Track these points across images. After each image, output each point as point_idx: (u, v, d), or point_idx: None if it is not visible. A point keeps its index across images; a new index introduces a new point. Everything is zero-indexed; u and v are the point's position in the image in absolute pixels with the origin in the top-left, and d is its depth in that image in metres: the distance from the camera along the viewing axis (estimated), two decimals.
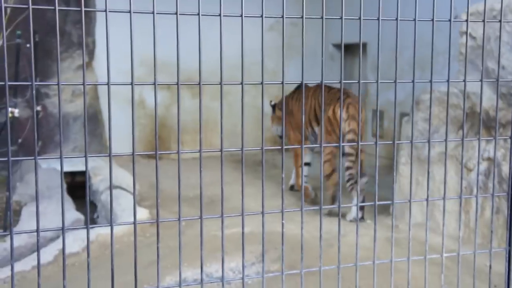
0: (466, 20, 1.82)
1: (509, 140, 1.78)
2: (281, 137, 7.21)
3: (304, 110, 1.77)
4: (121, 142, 9.13)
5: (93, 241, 4.64)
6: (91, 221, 5.78)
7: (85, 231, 4.47)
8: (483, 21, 1.80)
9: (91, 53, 8.26)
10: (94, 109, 8.27)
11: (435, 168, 4.85)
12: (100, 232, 4.74)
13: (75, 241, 4.56)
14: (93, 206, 6.27)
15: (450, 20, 1.72)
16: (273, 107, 7.36)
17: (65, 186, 6.16)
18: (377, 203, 1.72)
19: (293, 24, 9.35)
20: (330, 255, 4.27)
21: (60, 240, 4.61)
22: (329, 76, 9.29)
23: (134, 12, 1.36)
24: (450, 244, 3.93)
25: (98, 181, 6.49)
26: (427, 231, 1.79)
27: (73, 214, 5.21)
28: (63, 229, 1.49)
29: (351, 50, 9.23)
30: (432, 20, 1.70)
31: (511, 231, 1.87)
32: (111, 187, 1.42)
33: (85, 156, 1.38)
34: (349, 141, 5.39)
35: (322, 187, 1.72)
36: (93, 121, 8.24)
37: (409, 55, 1.68)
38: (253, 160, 8.21)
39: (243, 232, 1.58)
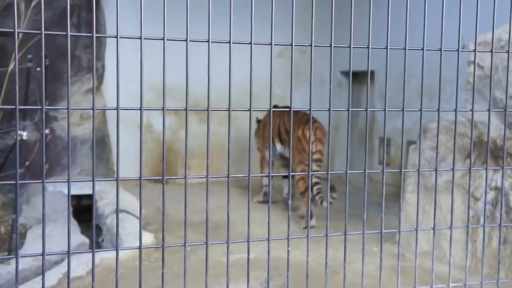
0: (474, 50, 1.82)
1: None
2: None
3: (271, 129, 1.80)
4: (128, 166, 9.14)
5: (97, 265, 4.62)
6: (96, 245, 5.77)
7: (89, 255, 4.46)
8: (491, 51, 1.81)
9: (100, 77, 8.33)
10: (102, 133, 8.31)
11: (442, 197, 4.83)
12: (104, 256, 4.72)
13: (79, 265, 4.54)
14: (98, 230, 6.25)
15: (458, 50, 1.73)
16: (258, 122, 8.11)
17: (71, 209, 6.16)
18: (384, 231, 1.71)
19: (301, 51, 9.45)
20: (336, 282, 4.23)
21: (64, 263, 4.60)
22: (336, 103, 9.33)
23: (145, 39, 1.38)
24: (456, 274, 3.89)
25: (104, 204, 6.49)
26: (433, 260, 1.77)
27: (78, 238, 5.19)
28: (68, 253, 1.49)
29: (358, 77, 9.27)
30: (440, 50, 1.71)
31: None
32: (117, 211, 1.42)
33: (93, 180, 1.39)
34: (314, 160, 6.47)
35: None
36: (101, 144, 8.27)
37: (416, 83, 1.69)
38: (259, 186, 8.20)
39: (248, 259, 1.57)
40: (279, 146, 7.24)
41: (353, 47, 1.58)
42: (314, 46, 1.57)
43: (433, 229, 1.76)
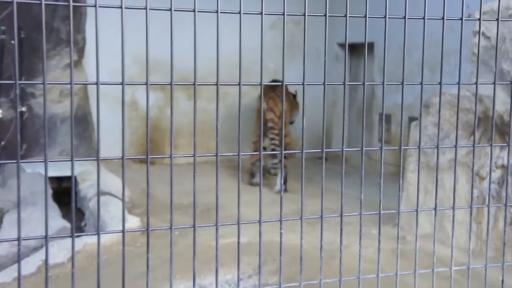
0: (479, 19, 1.82)
1: None
2: (291, 122, 8.61)
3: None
4: (112, 146, 9.11)
5: (80, 251, 4.64)
6: (78, 229, 5.79)
7: (71, 240, 4.47)
8: (497, 19, 1.80)
9: (80, 51, 8.26)
10: (84, 110, 8.27)
11: (446, 176, 4.85)
12: (87, 241, 4.73)
13: (60, 251, 4.55)
14: (81, 213, 6.26)
15: (461, 19, 1.72)
16: (294, 96, 8.67)
17: (50, 191, 6.16)
18: (382, 212, 1.72)
19: (295, 22, 9.41)
20: (332, 267, 4.26)
21: (44, 249, 4.60)
22: (333, 77, 9.32)
23: (126, 8, 1.37)
24: (461, 257, 3.93)
25: (86, 187, 6.49)
26: (435, 242, 1.79)
27: (58, 222, 5.20)
28: (46, 238, 1.49)
29: (357, 50, 9.25)
30: (443, 18, 1.71)
31: None
32: (98, 193, 1.43)
33: (71, 160, 1.38)
34: (269, 127, 7.66)
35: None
36: (82, 123, 8.24)
37: (418, 55, 1.69)
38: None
39: (238, 242, 1.58)
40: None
41: (349, 17, 1.57)
42: (308, 15, 1.56)
43: (434, 209, 1.77)
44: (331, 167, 8.30)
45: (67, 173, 7.00)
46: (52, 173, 6.68)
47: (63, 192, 6.52)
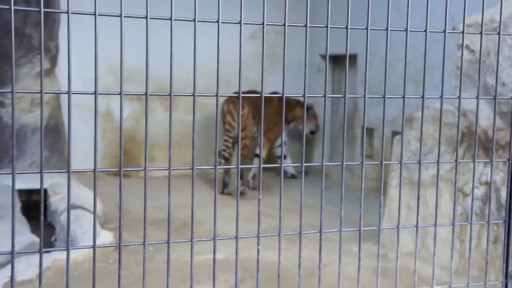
0: (462, 32, 1.85)
1: (508, 163, 1.80)
2: (312, 132, 9.45)
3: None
4: (85, 158, 9.03)
5: (49, 267, 4.58)
6: (48, 244, 5.72)
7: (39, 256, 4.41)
8: (481, 33, 1.83)
9: (53, 59, 8.21)
10: (56, 120, 8.21)
11: (429, 192, 4.89)
12: (57, 257, 4.68)
13: (29, 267, 4.49)
14: (51, 228, 6.19)
15: (445, 31, 1.74)
16: (308, 108, 9.50)
17: (19, 205, 6.08)
18: (362, 228, 1.73)
19: (277, 32, 9.45)
20: (312, 285, 4.26)
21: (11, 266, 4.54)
22: (315, 89, 9.37)
23: (100, 15, 1.36)
24: (444, 276, 3.95)
25: (57, 200, 6.43)
26: (416, 260, 1.80)
27: (27, 237, 5.13)
28: (12, 253, 1.47)
29: (339, 61, 9.31)
30: (426, 31, 1.73)
31: (507, 262, 1.89)
32: (69, 207, 1.41)
33: (41, 172, 1.37)
34: (226, 129, 8.33)
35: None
36: (54, 134, 8.17)
37: (402, 68, 1.70)
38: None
39: (214, 259, 1.57)
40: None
41: (330, 27, 1.58)
42: (288, 26, 1.58)
43: (416, 226, 1.78)
44: (312, 182, 8.34)
45: (37, 185, 6.92)
46: (22, 185, 6.60)
47: (33, 206, 6.43)
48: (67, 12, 1.32)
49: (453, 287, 1.89)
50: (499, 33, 1.82)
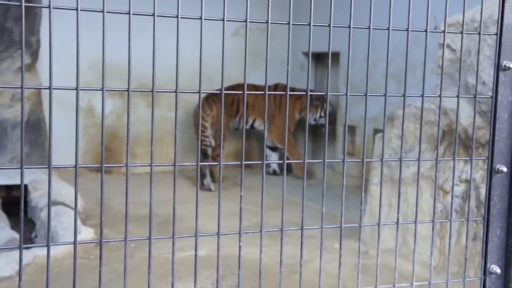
0: (443, 31, 1.86)
1: (487, 161, 1.82)
2: (321, 125, 9.33)
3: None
4: (66, 154, 8.96)
5: (29, 264, 4.55)
6: (28, 241, 5.68)
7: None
8: (461, 32, 1.85)
9: (34, 54, 8.14)
10: (37, 116, 8.14)
11: (410, 190, 4.93)
12: (37, 253, 4.65)
13: (8, 264, 4.46)
14: (32, 224, 6.15)
15: (426, 30, 1.76)
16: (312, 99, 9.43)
17: None
18: (343, 225, 1.74)
19: (260, 30, 9.47)
20: (294, 282, 4.27)
21: None
22: (298, 86, 9.38)
23: (82, 10, 1.36)
24: (424, 273, 3.98)
25: (37, 196, 6.38)
26: (396, 257, 1.81)
27: (7, 233, 5.10)
28: None
29: (322, 59, 9.34)
30: (407, 30, 1.74)
31: (486, 259, 1.91)
32: (49, 202, 1.41)
33: (21, 168, 1.36)
34: (201, 131, 8.28)
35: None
36: (35, 129, 8.11)
37: (384, 67, 1.72)
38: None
39: (196, 255, 1.57)
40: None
41: (313, 25, 1.59)
42: (271, 23, 1.58)
43: (396, 223, 1.80)
44: (295, 179, 8.37)
45: (18, 181, 6.87)
46: (1, 181, 6.56)
47: (13, 202, 6.39)
48: (49, 7, 1.31)
49: (433, 283, 1.91)
50: (479, 33, 1.84)
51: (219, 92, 1.67)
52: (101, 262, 1.38)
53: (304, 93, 1.80)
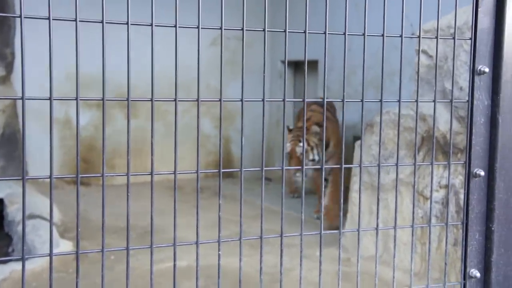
0: (419, 36, 1.88)
1: (465, 166, 1.84)
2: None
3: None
4: (44, 166, 8.88)
5: (6, 278, 4.50)
6: (5, 255, 5.60)
7: None
8: (436, 37, 1.87)
9: (9, 66, 8.08)
10: (12, 129, 8.07)
11: (390, 197, 4.95)
12: (15, 268, 4.60)
13: None
14: (9, 238, 6.08)
15: (401, 36, 1.77)
16: (290, 130, 7.71)
17: None
18: (323, 232, 1.74)
19: (238, 38, 9.49)
20: None
21: None
22: (277, 95, 9.41)
23: (54, 19, 1.35)
24: (406, 279, 4.00)
25: (14, 210, 6.31)
26: (377, 263, 1.82)
27: None
28: None
29: (301, 68, 9.38)
30: (383, 35, 1.76)
31: (466, 263, 1.92)
32: (24, 213, 1.39)
33: None
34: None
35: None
36: (11, 142, 8.03)
37: (364, 74, 1.73)
38: (193, 187, 8.16)
39: (174, 265, 1.56)
40: None
41: (288, 32, 1.60)
42: (246, 30, 1.58)
43: (376, 229, 1.80)
44: (274, 188, 8.37)
45: None
46: None
47: None
48: (20, 16, 1.30)
49: None
50: (454, 38, 1.87)
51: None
52: (78, 274, 1.37)
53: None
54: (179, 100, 1.49)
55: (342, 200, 1.60)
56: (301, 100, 1.64)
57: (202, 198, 6.05)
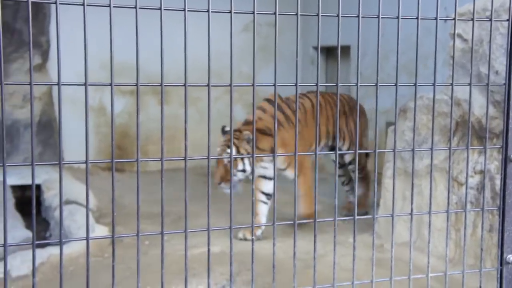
0: (454, 19, 1.85)
1: (501, 151, 1.80)
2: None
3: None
4: (79, 153, 8.91)
5: (44, 262, 4.58)
6: (42, 240, 5.70)
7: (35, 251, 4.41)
8: (472, 19, 1.83)
9: (44, 54, 8.18)
10: (48, 116, 8.18)
11: (424, 182, 4.90)
12: (52, 252, 4.68)
13: (24, 263, 4.48)
14: (46, 224, 6.19)
15: (436, 18, 1.74)
16: (225, 133, 7.37)
17: (13, 201, 6.07)
18: (357, 217, 1.73)
19: (270, 25, 9.46)
20: (308, 276, 4.27)
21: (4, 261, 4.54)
22: (309, 81, 9.35)
23: (88, 5, 1.36)
24: (440, 265, 3.96)
25: (51, 196, 6.42)
26: (411, 248, 1.80)
27: (22, 233, 5.13)
28: (5, 246, 1.47)
29: (333, 53, 9.29)
30: (417, 18, 1.73)
31: (503, 249, 1.89)
32: (61, 197, 1.41)
33: (32, 164, 1.36)
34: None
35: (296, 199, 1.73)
36: (47, 129, 8.15)
37: (396, 59, 1.70)
38: None
39: (208, 249, 1.57)
40: None
41: (321, 16, 1.58)
42: (279, 14, 1.57)
43: (410, 214, 1.79)
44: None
45: (31, 181, 6.91)
46: (15, 181, 6.59)
47: (27, 202, 6.42)
48: (55, 3, 1.31)
49: (449, 274, 1.90)
50: (490, 19, 1.83)
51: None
52: (114, 258, 1.39)
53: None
54: (212, 85, 1.49)
55: (376, 185, 1.59)
56: (334, 84, 1.63)
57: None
